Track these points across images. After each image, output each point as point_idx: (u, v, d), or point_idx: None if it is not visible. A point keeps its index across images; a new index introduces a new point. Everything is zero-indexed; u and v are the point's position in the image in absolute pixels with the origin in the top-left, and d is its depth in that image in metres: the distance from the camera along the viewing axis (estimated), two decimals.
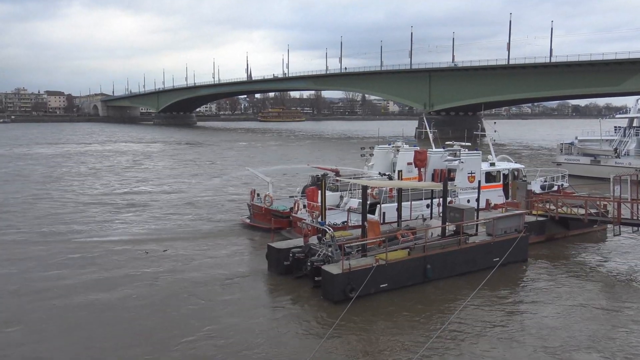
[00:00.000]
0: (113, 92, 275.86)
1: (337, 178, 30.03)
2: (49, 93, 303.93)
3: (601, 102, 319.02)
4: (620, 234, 25.05)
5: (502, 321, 17.04)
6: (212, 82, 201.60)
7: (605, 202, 26.15)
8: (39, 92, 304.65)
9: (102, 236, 27.85)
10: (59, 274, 21.47)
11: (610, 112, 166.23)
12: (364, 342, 15.60)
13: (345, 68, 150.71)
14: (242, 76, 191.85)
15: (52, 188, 44.93)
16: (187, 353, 14.70)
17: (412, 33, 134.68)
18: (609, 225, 26.50)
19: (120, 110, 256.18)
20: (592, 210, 26.00)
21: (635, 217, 24.15)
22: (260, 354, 14.68)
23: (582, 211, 26.02)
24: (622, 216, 24.19)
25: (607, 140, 54.55)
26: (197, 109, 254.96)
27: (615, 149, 52.06)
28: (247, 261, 23.63)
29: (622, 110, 68.90)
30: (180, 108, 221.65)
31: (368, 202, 22.34)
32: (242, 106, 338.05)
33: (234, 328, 16.30)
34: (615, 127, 59.68)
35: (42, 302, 18.48)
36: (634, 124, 57.62)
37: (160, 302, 18.49)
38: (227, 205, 36.84)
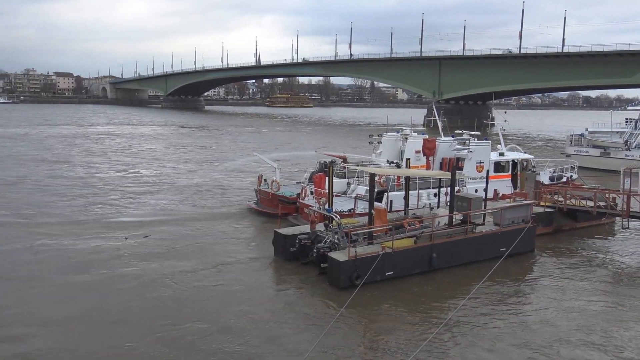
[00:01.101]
0: (122, 74, 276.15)
1: (345, 165, 29.96)
2: (58, 74, 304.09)
3: (612, 93, 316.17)
4: (628, 227, 24.91)
5: (508, 313, 17.04)
6: (221, 67, 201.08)
7: (614, 195, 25.96)
8: (48, 73, 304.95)
9: (109, 217, 28.04)
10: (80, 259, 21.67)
11: (621, 103, 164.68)
12: (370, 330, 15.67)
13: (350, 55, 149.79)
14: (250, 61, 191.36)
15: (64, 169, 45.18)
16: (191, 337, 14.81)
17: (422, 20, 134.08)
18: (617, 218, 26.33)
19: (128, 92, 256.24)
20: (601, 203, 25.83)
21: None
22: (266, 340, 14.76)
23: (590, 203, 25.86)
24: (631, 209, 24.03)
25: (617, 132, 54.07)
26: (205, 93, 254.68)
27: (626, 142, 51.59)
28: (253, 246, 23.71)
29: (634, 102, 68.31)
30: (189, 92, 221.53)
31: (375, 190, 22.30)
32: (250, 91, 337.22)
33: (239, 313, 16.39)
34: (626, 119, 59.09)
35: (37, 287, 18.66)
36: None
37: (165, 285, 18.62)
38: (234, 190, 36.92)
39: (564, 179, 34.39)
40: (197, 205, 31.87)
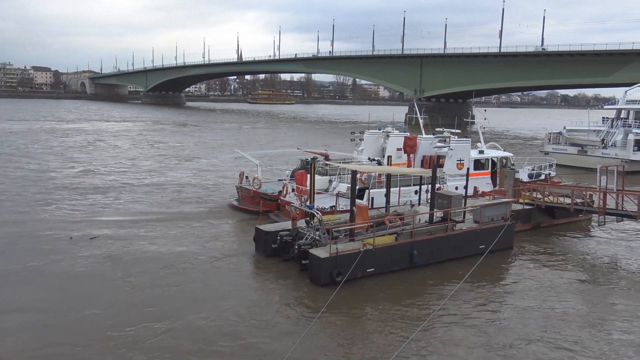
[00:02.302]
0: (101, 69, 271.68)
1: (327, 162, 29.98)
2: (36, 69, 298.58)
3: (590, 92, 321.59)
4: (605, 224, 25.36)
5: (487, 309, 17.21)
6: (202, 62, 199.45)
7: (591, 192, 26.42)
8: (25, 67, 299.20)
9: (88, 217, 27.62)
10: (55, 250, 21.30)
11: (598, 102, 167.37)
12: (351, 327, 15.69)
13: (332, 52, 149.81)
14: (232, 57, 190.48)
15: (37, 167, 44.39)
16: (169, 335, 14.68)
17: (404, 18, 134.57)
18: (594, 215, 26.79)
19: (108, 88, 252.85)
20: (578, 200, 26.28)
21: (620, 208, 24.46)
22: (246, 338, 14.70)
23: (568, 200, 26.27)
24: (607, 206, 24.47)
25: (594, 130, 55.00)
26: (187, 89, 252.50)
27: (603, 140, 52.52)
28: (234, 243, 23.59)
29: (611, 101, 69.51)
30: (169, 87, 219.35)
31: (357, 187, 22.35)
32: (232, 87, 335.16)
33: (219, 310, 16.29)
34: (603, 117, 60.22)
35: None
36: (622, 115, 58.23)
37: (145, 282, 18.42)
38: (215, 187, 36.68)
39: (543, 177, 34.89)
40: (176, 202, 31.55)
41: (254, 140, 72.79)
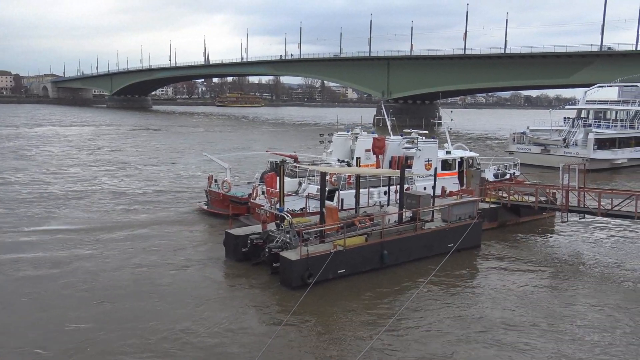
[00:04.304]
0: (64, 73, 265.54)
1: (296, 164, 29.96)
2: None
3: (552, 93, 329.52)
4: (567, 221, 26.08)
5: (455, 306, 17.50)
6: (169, 65, 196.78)
7: (554, 191, 27.14)
8: None
9: (48, 225, 26.92)
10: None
11: (560, 103, 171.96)
12: (322, 328, 15.74)
13: (299, 55, 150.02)
14: (199, 60, 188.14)
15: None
16: (136, 342, 14.43)
17: (371, 21, 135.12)
18: (557, 213, 27.53)
19: (71, 92, 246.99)
20: (542, 198, 26.95)
21: (582, 205, 25.20)
22: (217, 342, 14.58)
23: (532, 199, 26.92)
24: (569, 204, 25.18)
25: (556, 130, 56.44)
26: (153, 93, 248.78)
27: (564, 139, 53.94)
28: (204, 248, 23.34)
29: (571, 101, 71.52)
30: (135, 91, 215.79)
31: (327, 189, 22.41)
32: (200, 90, 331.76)
33: (188, 315, 16.12)
34: (564, 117, 61.84)
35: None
36: (582, 115, 59.99)
37: (109, 289, 18.06)
38: (183, 191, 36.22)
39: (508, 176, 35.64)
40: (142, 208, 31.01)
41: (222, 143, 72.20)
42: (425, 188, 27.91)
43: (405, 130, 35.00)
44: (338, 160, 31.60)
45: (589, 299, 18.30)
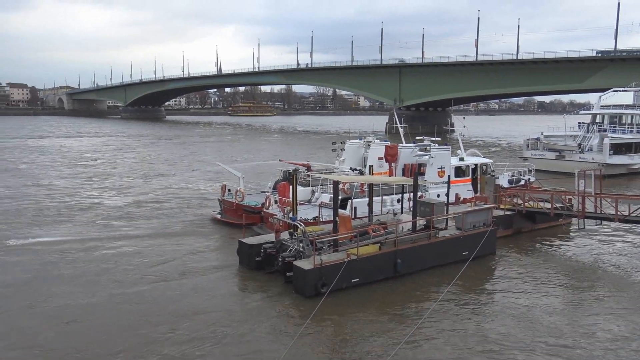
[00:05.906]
0: (79, 85, 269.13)
1: (309, 173, 29.95)
2: (12, 85, 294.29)
3: (565, 98, 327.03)
4: (584, 228, 25.72)
5: (472, 317, 17.28)
6: (182, 76, 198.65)
7: (570, 197, 26.80)
8: (0, 84, 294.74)
9: (60, 235, 27.17)
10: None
11: (574, 108, 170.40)
12: (337, 338, 15.63)
13: (311, 63, 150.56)
14: (212, 70, 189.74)
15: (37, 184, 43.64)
16: (153, 349, 14.46)
17: (382, 29, 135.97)
18: (573, 219, 27.17)
19: (86, 103, 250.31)
20: (558, 205, 26.62)
21: (598, 211, 24.85)
22: (232, 351, 14.55)
23: (548, 205, 26.60)
24: (586, 210, 24.85)
25: (571, 135, 55.91)
26: (166, 103, 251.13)
27: (579, 145, 53.42)
28: (217, 257, 23.39)
29: (586, 106, 70.92)
30: (149, 102, 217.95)
31: (339, 197, 22.36)
32: (212, 100, 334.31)
33: (203, 324, 16.11)
34: (579, 123, 61.28)
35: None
36: (597, 120, 59.36)
37: (126, 298, 18.15)
38: (197, 200, 36.39)
39: (522, 182, 35.31)
40: (157, 217, 31.21)
41: (235, 153, 72.52)
42: (438, 195, 27.75)
43: (417, 138, 34.89)
44: (351, 168, 31.54)
45: (612, 310, 17.81)
